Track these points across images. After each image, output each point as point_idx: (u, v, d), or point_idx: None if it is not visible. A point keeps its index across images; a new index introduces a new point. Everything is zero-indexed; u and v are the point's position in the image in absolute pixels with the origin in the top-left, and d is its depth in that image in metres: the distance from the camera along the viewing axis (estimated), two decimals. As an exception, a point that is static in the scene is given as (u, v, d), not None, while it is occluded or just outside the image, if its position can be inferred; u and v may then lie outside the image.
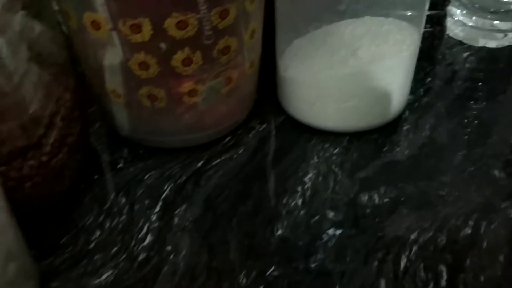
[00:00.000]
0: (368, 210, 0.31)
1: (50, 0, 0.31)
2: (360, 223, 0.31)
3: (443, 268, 0.28)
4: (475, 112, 0.38)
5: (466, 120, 0.38)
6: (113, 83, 0.32)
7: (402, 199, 0.32)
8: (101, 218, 0.31)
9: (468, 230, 0.30)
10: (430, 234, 0.30)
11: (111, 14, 0.28)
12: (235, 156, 0.35)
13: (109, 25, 0.29)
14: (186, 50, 0.30)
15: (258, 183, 0.33)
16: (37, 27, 0.29)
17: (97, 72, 0.32)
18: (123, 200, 0.32)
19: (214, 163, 0.35)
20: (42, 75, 0.29)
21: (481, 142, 0.36)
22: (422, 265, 0.28)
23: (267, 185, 0.33)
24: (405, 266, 0.28)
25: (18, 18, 0.27)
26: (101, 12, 0.28)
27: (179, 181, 0.33)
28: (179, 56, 0.30)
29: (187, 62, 0.30)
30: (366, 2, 0.33)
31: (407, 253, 0.29)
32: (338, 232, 0.30)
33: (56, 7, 0.32)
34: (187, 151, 0.35)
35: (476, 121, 0.38)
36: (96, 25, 0.29)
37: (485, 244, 0.29)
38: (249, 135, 0.37)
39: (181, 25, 0.29)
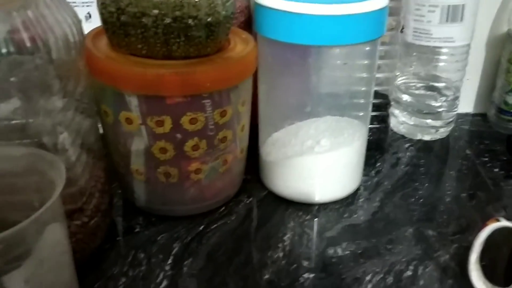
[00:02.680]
0: (334, 260, 0.41)
1: (92, 102, 0.42)
2: (328, 269, 0.40)
3: (390, 300, 0.37)
4: (414, 189, 0.50)
5: (407, 195, 0.49)
6: (137, 164, 0.42)
7: (359, 251, 0.42)
8: (125, 268, 0.40)
9: (409, 273, 0.39)
10: (381, 276, 0.39)
11: (142, 113, 0.39)
12: (228, 222, 0.45)
13: (139, 121, 0.39)
14: (195, 139, 0.40)
15: (247, 242, 0.43)
16: (85, 123, 0.40)
17: (124, 155, 0.42)
18: (142, 255, 0.41)
19: (212, 227, 0.44)
20: (87, 159, 0.39)
21: (419, 210, 0.46)
22: (374, 297, 0.38)
23: (255, 243, 0.42)
24: (362, 299, 0.38)
25: (75, 116, 0.38)
26: (135, 112, 0.39)
27: (185, 241, 0.42)
28: (190, 143, 0.40)
29: (195, 148, 0.41)
30: (326, 106, 0.45)
31: (363, 289, 0.38)
32: (311, 275, 0.39)
33: (95, 107, 0.42)
34: (190, 218, 0.45)
35: (415, 195, 0.49)
36: (129, 121, 0.40)
37: (421, 282, 0.39)
38: (239, 206, 0.47)
39: (193, 121, 0.39)
